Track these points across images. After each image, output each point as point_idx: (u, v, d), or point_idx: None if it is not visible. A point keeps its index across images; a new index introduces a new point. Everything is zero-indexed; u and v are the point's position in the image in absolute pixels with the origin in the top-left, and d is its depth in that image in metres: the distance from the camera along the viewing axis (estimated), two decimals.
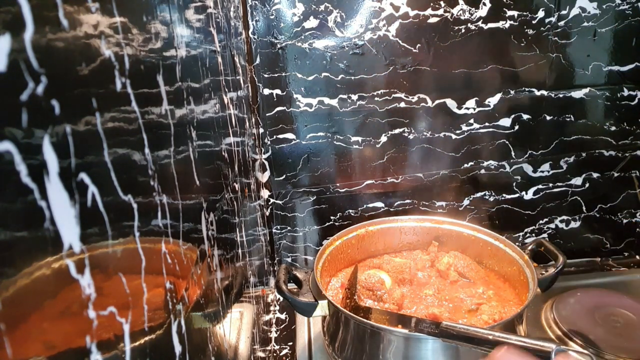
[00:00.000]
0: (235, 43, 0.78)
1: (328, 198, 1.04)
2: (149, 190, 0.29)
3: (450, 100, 0.98)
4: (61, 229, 0.19)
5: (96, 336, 0.21)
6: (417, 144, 1.01)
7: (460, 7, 0.91)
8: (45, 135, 0.18)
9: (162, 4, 0.35)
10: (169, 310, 0.32)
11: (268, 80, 0.93)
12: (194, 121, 0.42)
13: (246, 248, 0.74)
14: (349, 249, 0.95)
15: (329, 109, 0.96)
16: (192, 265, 0.38)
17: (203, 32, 0.50)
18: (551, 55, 0.96)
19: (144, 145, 0.29)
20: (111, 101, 0.25)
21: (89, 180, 0.21)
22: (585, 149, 1.05)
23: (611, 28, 0.95)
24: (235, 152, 0.67)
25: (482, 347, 0.58)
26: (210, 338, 0.44)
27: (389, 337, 0.69)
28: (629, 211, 1.11)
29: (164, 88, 0.33)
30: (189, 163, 0.40)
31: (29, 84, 0.17)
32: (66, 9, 0.20)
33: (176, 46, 0.38)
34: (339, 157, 1.01)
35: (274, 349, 0.88)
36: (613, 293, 0.95)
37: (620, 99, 1.01)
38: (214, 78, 0.53)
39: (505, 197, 1.07)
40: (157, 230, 0.30)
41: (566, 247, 1.12)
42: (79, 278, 0.20)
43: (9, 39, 0.16)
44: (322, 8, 0.89)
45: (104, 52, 0.24)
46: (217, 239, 0.49)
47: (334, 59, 0.93)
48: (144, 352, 0.27)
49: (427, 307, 0.79)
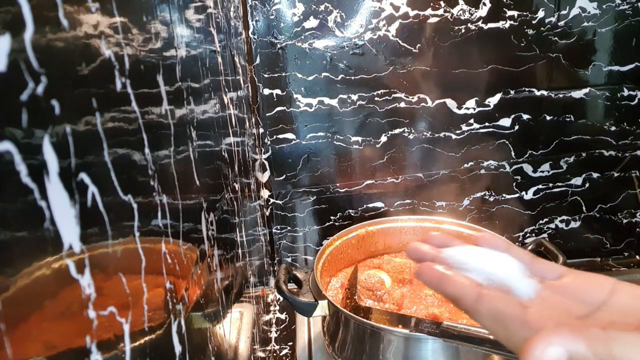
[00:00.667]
0: (235, 43, 0.78)
1: (328, 198, 1.04)
2: (149, 190, 0.29)
3: (450, 100, 0.98)
4: (61, 229, 0.19)
5: (96, 336, 0.21)
6: (417, 144, 1.01)
7: (460, 7, 0.91)
8: (45, 135, 0.18)
9: (162, 4, 0.35)
10: (169, 310, 0.32)
11: (268, 80, 0.93)
12: (194, 121, 0.42)
13: (246, 248, 0.74)
14: (349, 249, 0.95)
15: (329, 109, 0.96)
16: (192, 265, 0.38)
17: (203, 32, 0.50)
18: (551, 55, 0.96)
19: (144, 145, 0.29)
20: (111, 101, 0.25)
21: (89, 180, 0.21)
22: (585, 149, 1.05)
23: (611, 28, 0.95)
24: (235, 152, 0.67)
25: (483, 347, 0.58)
26: (210, 338, 0.44)
27: (389, 337, 0.69)
28: (629, 211, 1.11)
29: (164, 88, 0.33)
30: (189, 163, 0.40)
31: (29, 84, 0.17)
32: (66, 9, 0.20)
33: (176, 46, 0.38)
34: (339, 157, 1.01)
35: (274, 349, 0.88)
36: None
37: (620, 99, 1.01)
38: (214, 78, 0.53)
39: (505, 197, 1.07)
40: (157, 230, 0.30)
41: (566, 247, 1.12)
42: (79, 278, 0.20)
43: (9, 39, 0.16)
44: (322, 8, 0.89)
45: (104, 52, 0.24)
46: (217, 239, 0.49)
47: (334, 59, 0.93)
48: (144, 352, 0.27)
49: (427, 307, 0.79)
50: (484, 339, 0.58)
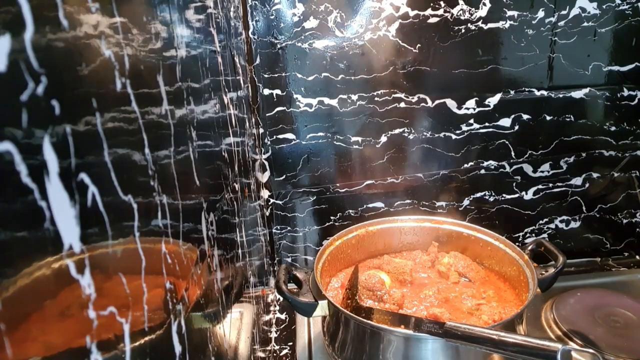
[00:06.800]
0: (235, 43, 0.78)
1: (328, 198, 1.04)
2: (149, 190, 0.29)
3: (450, 100, 0.98)
4: (61, 229, 0.19)
5: (96, 336, 0.21)
6: (417, 144, 1.01)
7: (460, 7, 0.91)
8: (45, 135, 0.18)
9: (162, 4, 0.35)
10: (169, 311, 0.32)
11: (268, 80, 0.93)
12: (194, 121, 0.42)
13: (246, 248, 0.74)
14: (349, 249, 0.95)
15: (329, 109, 0.96)
16: (192, 265, 0.38)
17: (203, 32, 0.50)
18: (551, 55, 0.96)
19: (144, 145, 0.29)
20: (111, 101, 0.25)
21: (89, 180, 0.21)
22: (585, 149, 1.05)
23: (611, 28, 0.95)
24: (235, 152, 0.67)
25: (485, 347, 0.58)
26: (210, 338, 0.44)
27: (389, 337, 0.69)
28: (629, 211, 1.11)
29: (164, 88, 0.33)
30: (189, 163, 0.40)
31: (29, 84, 0.17)
32: (66, 9, 0.20)
33: (176, 46, 0.38)
34: (339, 157, 1.01)
35: (274, 349, 0.88)
36: (613, 293, 0.95)
37: (620, 99, 1.01)
38: (214, 78, 0.53)
39: (505, 197, 1.07)
40: (157, 231, 0.30)
41: (566, 247, 1.12)
42: (79, 278, 0.20)
43: (9, 39, 0.16)
44: (322, 8, 0.89)
45: (104, 52, 0.24)
46: (217, 239, 0.49)
47: (334, 59, 0.93)
48: (144, 352, 0.27)
49: (427, 307, 0.80)
50: (486, 338, 0.58)
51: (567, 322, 0.86)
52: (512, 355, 0.56)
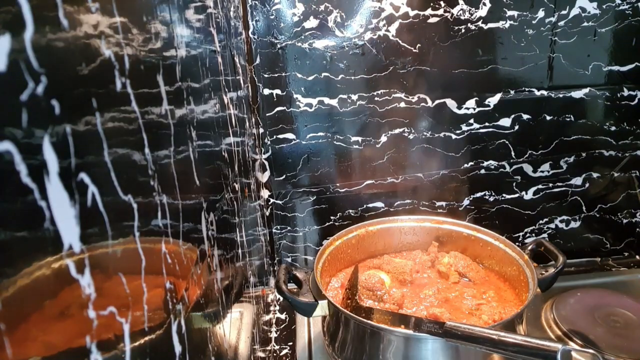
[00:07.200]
0: (235, 43, 0.78)
1: (328, 198, 1.04)
2: (149, 190, 0.29)
3: (450, 100, 0.98)
4: (61, 229, 0.19)
5: (96, 336, 0.21)
6: (417, 144, 1.01)
7: (460, 7, 0.91)
8: (45, 135, 0.18)
9: (162, 4, 0.35)
10: (169, 310, 0.32)
11: (268, 80, 0.93)
12: (194, 121, 0.42)
13: (246, 248, 0.74)
14: (349, 249, 0.95)
15: (329, 109, 0.96)
16: (192, 265, 0.38)
17: (203, 32, 0.50)
18: (551, 55, 0.96)
19: (144, 145, 0.29)
20: (111, 101, 0.25)
21: (89, 180, 0.21)
22: (585, 149, 1.05)
23: (611, 28, 0.95)
24: (235, 152, 0.67)
25: (485, 347, 0.58)
26: (210, 338, 0.44)
27: (389, 337, 0.69)
28: (629, 211, 1.11)
29: (164, 88, 0.33)
30: (189, 163, 0.40)
31: (29, 84, 0.17)
32: (66, 9, 0.20)
33: (176, 46, 0.38)
34: (339, 157, 1.01)
35: (274, 349, 0.88)
36: (613, 293, 0.95)
37: (620, 99, 1.01)
38: (214, 78, 0.53)
39: (505, 197, 1.07)
40: (157, 230, 0.30)
41: (566, 247, 1.12)
42: (79, 278, 0.20)
43: (9, 39, 0.16)
44: (322, 8, 0.89)
45: (104, 52, 0.24)
46: (217, 239, 0.49)
47: (334, 59, 0.93)
48: (144, 352, 0.27)
49: (427, 307, 0.79)
50: (486, 338, 0.58)
51: (567, 322, 0.86)
52: (512, 355, 0.56)
